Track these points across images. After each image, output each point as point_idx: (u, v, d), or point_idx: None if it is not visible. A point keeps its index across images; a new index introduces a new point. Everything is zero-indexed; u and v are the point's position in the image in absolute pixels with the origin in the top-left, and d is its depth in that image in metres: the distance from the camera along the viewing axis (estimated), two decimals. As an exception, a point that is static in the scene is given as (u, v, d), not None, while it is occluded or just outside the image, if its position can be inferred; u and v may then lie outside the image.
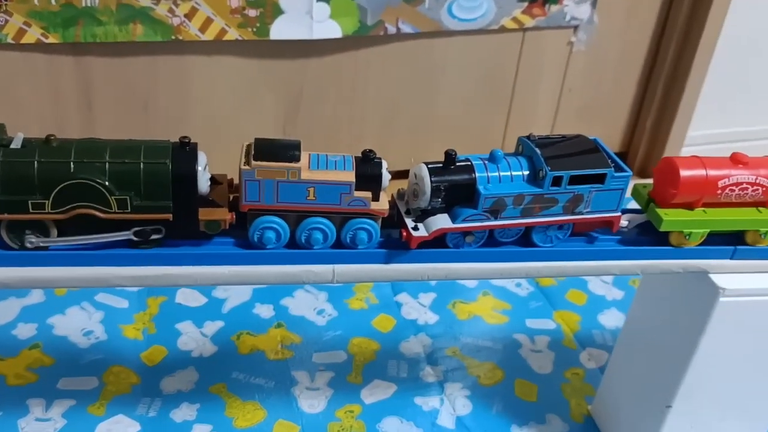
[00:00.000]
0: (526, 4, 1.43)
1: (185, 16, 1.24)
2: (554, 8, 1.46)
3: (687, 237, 0.78)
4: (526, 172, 0.73)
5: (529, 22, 1.46)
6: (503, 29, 1.45)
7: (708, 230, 0.78)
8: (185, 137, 0.67)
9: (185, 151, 0.66)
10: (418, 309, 1.22)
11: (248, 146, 0.69)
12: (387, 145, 1.52)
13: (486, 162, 0.72)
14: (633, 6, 1.52)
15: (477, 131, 1.58)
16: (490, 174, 0.72)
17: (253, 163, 0.66)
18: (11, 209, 0.64)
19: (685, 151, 1.69)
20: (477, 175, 0.71)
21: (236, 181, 0.71)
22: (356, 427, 0.99)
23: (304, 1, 1.29)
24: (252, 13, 1.28)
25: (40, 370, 1.03)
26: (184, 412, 0.99)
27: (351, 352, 1.12)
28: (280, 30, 1.30)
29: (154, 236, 0.67)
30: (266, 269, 0.71)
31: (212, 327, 1.14)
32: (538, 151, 0.72)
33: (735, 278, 0.80)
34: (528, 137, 0.74)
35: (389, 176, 0.70)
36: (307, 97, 1.42)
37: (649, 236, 0.80)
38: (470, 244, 0.74)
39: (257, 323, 1.16)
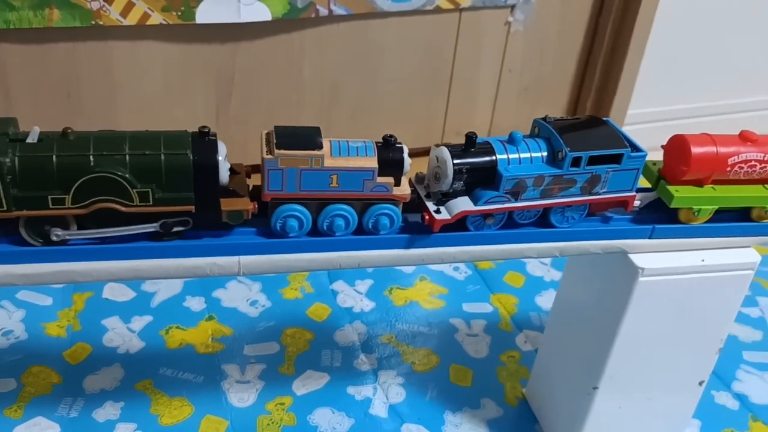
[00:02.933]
0: (461, -17, 1.41)
1: (105, 0, 1.20)
2: (490, -12, 1.44)
3: (696, 213, 0.78)
4: (545, 154, 0.73)
5: (465, 2, 1.44)
6: (439, 9, 1.43)
7: (716, 207, 0.79)
8: (205, 127, 0.65)
9: (205, 141, 0.64)
10: (354, 297, 1.20)
11: (268, 134, 0.68)
12: (327, 129, 1.46)
13: (505, 144, 0.73)
14: (569, -16, 1.51)
15: (418, 113, 1.56)
16: (510, 156, 0.72)
17: (276, 151, 0.65)
18: (30, 205, 0.62)
19: (625, 131, 1.69)
20: (498, 157, 0.71)
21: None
22: (286, 419, 0.97)
23: (230, -17, 1.25)
24: (176, -4, 1.23)
25: (-45, 373, 0.99)
26: (107, 411, 0.96)
27: (284, 342, 1.10)
28: (206, 13, 1.26)
29: (177, 228, 0.66)
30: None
31: (140, 322, 1.11)
32: (556, 132, 0.72)
33: (654, 257, 0.79)
34: (544, 119, 0.75)
35: (410, 161, 0.70)
36: (239, 82, 1.38)
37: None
38: (490, 226, 0.74)
39: (187, 316, 1.13)
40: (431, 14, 1.43)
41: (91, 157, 0.61)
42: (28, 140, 0.61)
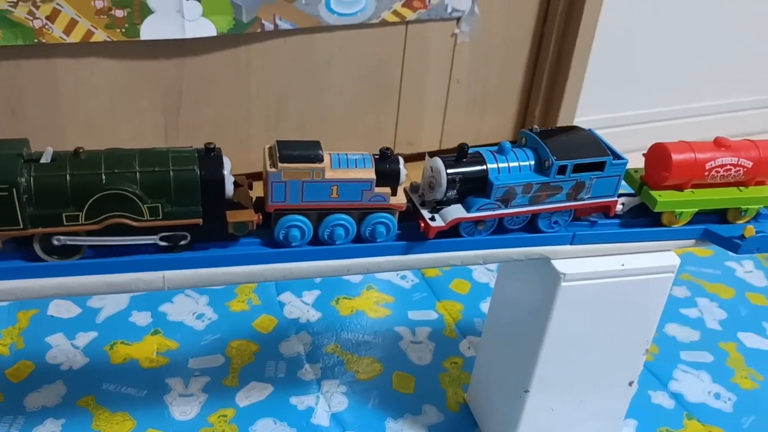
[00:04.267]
0: (405, -3, 1.44)
1: (47, 18, 1.20)
2: (434, 0, 1.47)
3: (677, 216, 0.83)
4: (533, 162, 0.77)
5: (410, 15, 1.47)
6: (385, 23, 1.46)
7: (696, 209, 0.83)
8: (210, 143, 0.68)
9: (211, 157, 0.68)
10: (301, 308, 1.21)
11: (270, 149, 0.71)
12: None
13: (495, 154, 0.77)
14: (513, -3, 1.54)
15: (368, 124, 1.58)
16: (500, 165, 0.76)
17: (280, 165, 0.68)
18: (46, 223, 0.65)
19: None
20: (488, 166, 0.76)
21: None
22: (228, 431, 0.98)
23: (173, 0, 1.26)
24: (119, 13, 1.24)
25: None
26: (47, 428, 0.96)
27: (229, 355, 1.10)
28: (150, 30, 1.27)
29: (182, 242, 0.69)
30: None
31: (85, 338, 1.11)
32: (542, 142, 0.77)
33: (575, 263, 0.82)
34: (530, 130, 0.79)
35: (406, 172, 0.74)
36: (187, 97, 1.39)
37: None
38: (481, 232, 0.78)
39: (133, 331, 1.13)
40: (377, 27, 1.46)
41: (103, 175, 0.64)
42: (42, 160, 0.64)
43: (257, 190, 0.75)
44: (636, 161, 0.86)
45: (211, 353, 1.10)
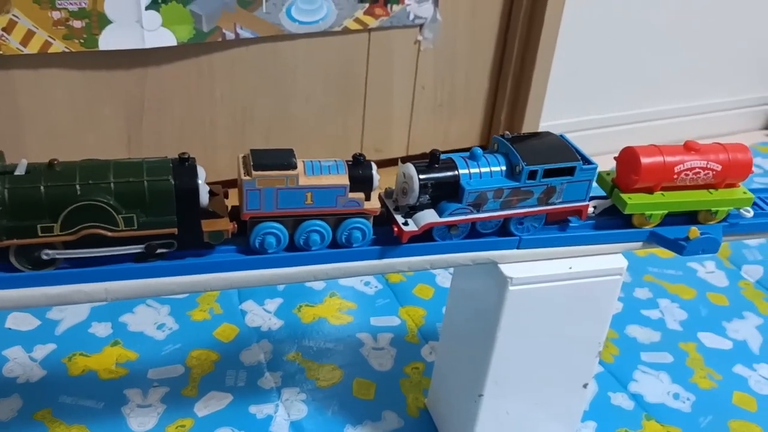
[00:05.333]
0: (367, 5, 1.45)
1: (3, 29, 1.20)
2: (396, 8, 1.48)
3: (648, 218, 0.84)
4: (504, 168, 0.78)
5: (372, 22, 1.47)
6: (347, 30, 1.46)
7: (666, 211, 0.85)
8: (184, 153, 0.69)
9: (185, 167, 0.68)
10: (262, 316, 1.21)
11: (244, 158, 0.72)
12: (241, 151, 1.50)
13: (467, 160, 0.78)
14: (475, 3, 1.55)
15: (334, 131, 1.58)
16: (471, 171, 0.77)
17: (254, 173, 0.69)
18: (21, 234, 0.65)
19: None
20: (460, 171, 0.77)
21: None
22: (186, 441, 0.98)
23: (132, 10, 1.26)
24: (77, 24, 1.24)
25: None
26: (2, 443, 0.95)
27: (189, 365, 1.10)
28: (109, 40, 1.27)
29: (160, 250, 0.69)
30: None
31: (43, 350, 1.10)
32: (513, 148, 0.78)
33: (523, 267, 0.83)
34: (502, 136, 0.80)
35: (379, 177, 0.75)
36: (150, 107, 1.39)
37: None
38: (454, 236, 0.79)
39: (92, 343, 1.13)
40: (340, 35, 1.46)
41: (77, 186, 0.65)
42: (17, 172, 0.65)
43: (233, 199, 0.75)
44: (604, 164, 0.87)
45: (171, 363, 1.10)
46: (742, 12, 1.86)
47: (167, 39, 1.31)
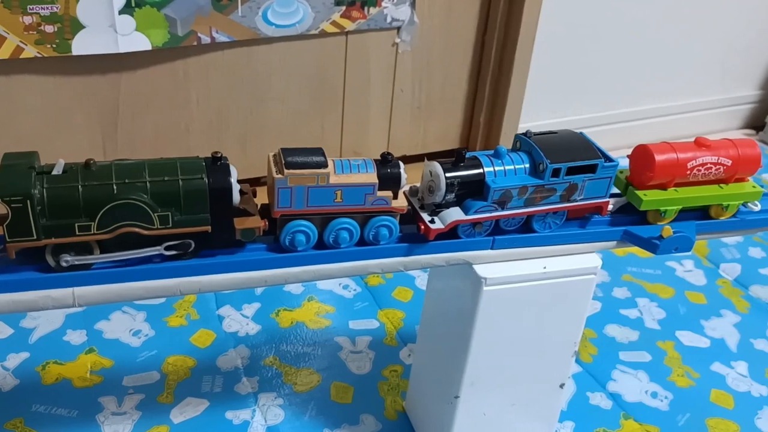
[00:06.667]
0: (343, 7, 1.44)
1: (-27, 35, 1.18)
2: (373, 10, 1.48)
3: (663, 214, 0.85)
4: (527, 166, 0.79)
5: (349, 25, 1.47)
6: (324, 33, 1.46)
7: (680, 207, 0.85)
8: (216, 152, 0.70)
9: (218, 166, 0.69)
10: (240, 321, 1.20)
11: (274, 156, 0.73)
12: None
13: (491, 158, 0.79)
14: (451, 5, 1.55)
15: (312, 134, 1.58)
16: (496, 169, 0.78)
17: (286, 171, 0.70)
18: (58, 233, 0.66)
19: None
20: (485, 170, 0.78)
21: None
22: (161, 448, 0.97)
23: (105, 14, 1.25)
24: (49, 29, 1.23)
25: None
26: (-27, 453, 0.94)
27: (165, 371, 1.09)
28: (82, 45, 1.26)
29: (183, 250, 0.70)
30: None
31: (16, 359, 1.09)
32: (536, 146, 0.79)
33: (496, 267, 0.83)
34: (525, 134, 0.81)
35: (406, 176, 0.76)
36: (124, 112, 1.38)
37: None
38: (479, 233, 0.80)
39: (67, 351, 1.11)
40: (317, 38, 1.46)
41: (114, 185, 0.66)
42: (54, 172, 0.65)
43: (261, 197, 0.76)
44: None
45: (146, 370, 1.09)
46: (722, 12, 1.88)
47: (141, 43, 1.30)
